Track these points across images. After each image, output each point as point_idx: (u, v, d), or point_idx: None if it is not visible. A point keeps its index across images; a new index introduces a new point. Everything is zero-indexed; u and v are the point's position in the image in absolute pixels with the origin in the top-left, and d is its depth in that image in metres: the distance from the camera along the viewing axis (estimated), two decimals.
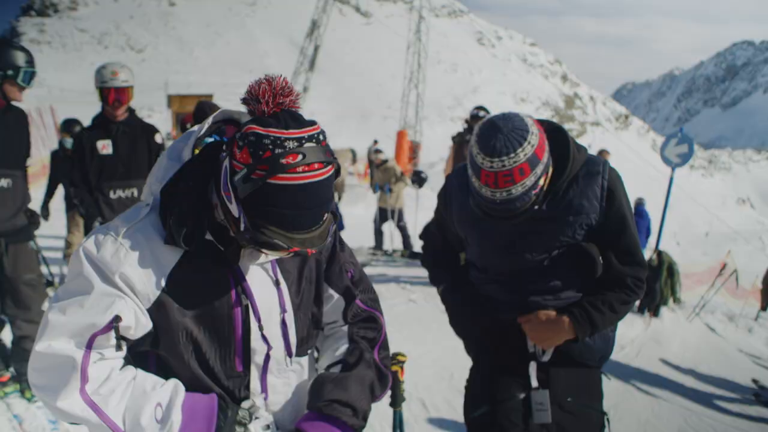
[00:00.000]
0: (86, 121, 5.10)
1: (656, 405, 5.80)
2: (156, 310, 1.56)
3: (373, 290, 2.03)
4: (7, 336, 4.74)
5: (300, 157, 1.40)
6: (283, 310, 1.74)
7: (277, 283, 1.73)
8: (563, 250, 2.41)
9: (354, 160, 30.90)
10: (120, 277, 1.50)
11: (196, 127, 1.67)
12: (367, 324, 1.96)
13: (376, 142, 26.66)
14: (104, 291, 1.50)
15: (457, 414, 4.88)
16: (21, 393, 4.62)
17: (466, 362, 2.87)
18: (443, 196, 2.70)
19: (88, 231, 5.09)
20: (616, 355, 2.60)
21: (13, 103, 4.30)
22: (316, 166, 1.42)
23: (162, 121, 43.62)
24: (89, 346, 1.47)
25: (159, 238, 1.55)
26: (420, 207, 12.70)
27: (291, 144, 1.41)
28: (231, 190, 1.45)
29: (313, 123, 1.48)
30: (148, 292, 1.54)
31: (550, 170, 2.25)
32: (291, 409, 1.81)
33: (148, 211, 1.59)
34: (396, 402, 1.95)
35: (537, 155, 2.11)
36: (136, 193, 5.05)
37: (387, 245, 12.26)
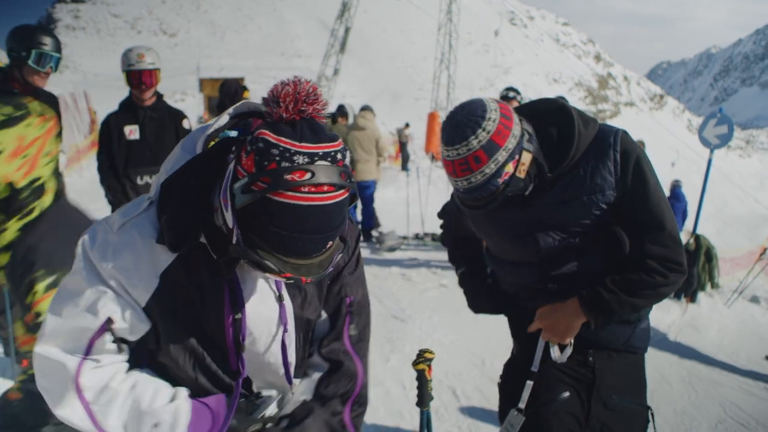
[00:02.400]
0: (115, 106, 5.08)
1: (693, 394, 5.67)
2: (153, 308, 1.49)
3: (368, 334, 1.85)
4: None
5: (308, 175, 1.25)
6: (284, 330, 1.62)
7: (279, 299, 1.61)
8: (583, 234, 2.28)
9: None
10: (110, 274, 1.43)
11: (213, 120, 1.55)
12: (340, 375, 1.75)
13: (407, 125, 26.55)
14: (97, 289, 1.43)
15: (489, 402, 4.82)
16: None
17: (499, 350, 2.82)
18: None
19: None
20: (652, 342, 2.51)
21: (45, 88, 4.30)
22: (325, 188, 1.26)
23: (194, 105, 43.96)
24: (87, 352, 1.44)
25: (154, 235, 1.46)
26: (450, 189, 12.56)
27: (300, 159, 1.26)
28: (229, 197, 1.31)
29: (333, 138, 1.33)
30: (141, 291, 1.46)
31: (528, 156, 2.14)
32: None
33: (148, 205, 1.51)
34: (423, 401, 1.88)
35: (495, 141, 2.04)
36: None
37: (418, 228, 12.19)
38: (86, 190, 8.06)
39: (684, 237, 10.91)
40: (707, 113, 9.19)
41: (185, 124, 5.12)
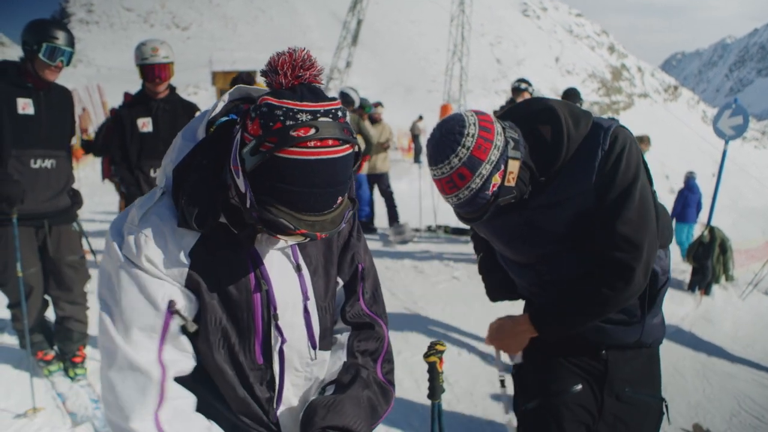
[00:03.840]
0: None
1: (708, 387, 5.64)
2: (190, 288, 1.52)
3: (380, 295, 1.92)
4: (51, 316, 4.81)
5: (312, 130, 1.30)
6: (306, 298, 1.66)
7: (298, 269, 1.66)
8: (574, 234, 2.23)
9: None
10: (146, 262, 1.45)
11: (210, 108, 1.60)
12: (367, 334, 1.84)
13: (420, 117, 26.51)
14: (144, 282, 1.46)
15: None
16: (65, 372, 4.69)
17: None
18: None
19: None
20: (666, 335, 2.49)
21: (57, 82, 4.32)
22: (330, 142, 1.32)
23: (207, 98, 44.04)
24: (161, 343, 1.48)
25: (174, 220, 1.49)
26: None
27: (304, 117, 1.31)
28: (239, 163, 1.36)
29: (333, 99, 1.39)
30: (176, 272, 1.49)
31: (516, 164, 2.09)
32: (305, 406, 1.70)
33: (161, 194, 1.53)
34: (434, 394, 1.88)
35: (476, 156, 2.02)
36: None
37: (430, 220, 12.17)
38: (100, 183, 8.11)
39: (698, 229, 10.81)
40: (722, 104, 9.07)
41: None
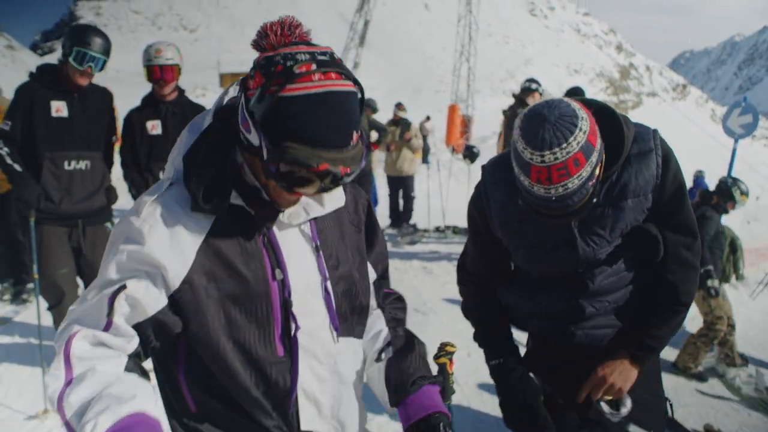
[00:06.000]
0: (137, 103, 5.11)
1: (718, 386, 5.63)
2: (187, 289, 1.44)
3: (387, 273, 2.01)
4: None
5: (314, 65, 1.31)
6: (325, 278, 1.62)
7: (317, 249, 1.62)
8: (620, 241, 2.21)
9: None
10: (146, 253, 1.40)
11: (216, 99, 1.60)
12: (396, 304, 1.93)
13: (428, 118, 26.46)
14: (126, 259, 1.42)
15: None
16: None
17: (521, 341, 2.77)
18: (477, 201, 2.38)
19: None
20: (675, 335, 2.48)
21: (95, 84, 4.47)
22: (333, 75, 1.33)
23: (215, 99, 44.15)
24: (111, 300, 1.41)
25: (184, 209, 1.45)
26: (471, 182, 12.56)
27: (302, 56, 1.33)
28: (248, 117, 1.36)
29: (331, 53, 1.40)
30: (176, 269, 1.42)
31: (603, 156, 1.99)
32: (332, 403, 1.65)
33: (169, 185, 1.50)
34: (445, 395, 1.87)
35: (590, 142, 1.87)
36: None
37: (438, 221, 12.18)
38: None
39: None
40: (731, 102, 9.03)
41: None
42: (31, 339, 5.28)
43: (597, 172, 1.94)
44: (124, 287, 1.40)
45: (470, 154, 12.16)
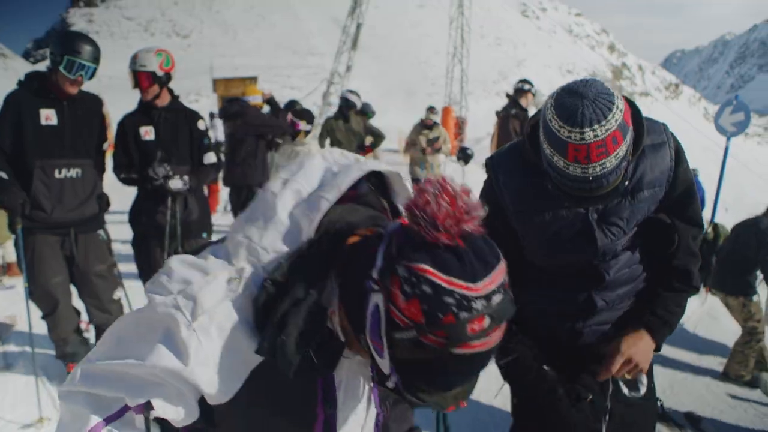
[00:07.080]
0: (129, 109, 5.09)
1: (713, 384, 5.63)
2: (222, 409, 1.22)
3: None
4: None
5: (487, 321, 1.02)
6: (379, 411, 1.46)
7: (372, 380, 1.37)
8: (635, 231, 2.24)
9: None
10: (185, 376, 1.14)
11: (324, 193, 1.23)
12: None
13: (432, 108, 26.45)
14: (159, 371, 1.14)
15: (508, 397, 4.80)
16: None
17: None
18: (489, 193, 2.28)
19: None
20: (671, 333, 2.48)
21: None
22: (502, 327, 1.07)
23: (208, 105, 44.04)
24: (109, 420, 1.17)
25: (244, 327, 1.16)
26: (465, 183, 12.48)
27: (479, 304, 1.01)
28: (386, 344, 1.07)
29: (497, 256, 1.08)
30: (217, 397, 1.19)
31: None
32: None
33: (239, 289, 1.17)
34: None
35: (626, 121, 1.84)
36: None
37: None
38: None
39: None
40: (723, 101, 9.05)
41: (200, 125, 5.07)
42: (25, 347, 5.26)
43: (629, 152, 1.91)
44: (150, 406, 1.16)
45: (464, 155, 12.18)
